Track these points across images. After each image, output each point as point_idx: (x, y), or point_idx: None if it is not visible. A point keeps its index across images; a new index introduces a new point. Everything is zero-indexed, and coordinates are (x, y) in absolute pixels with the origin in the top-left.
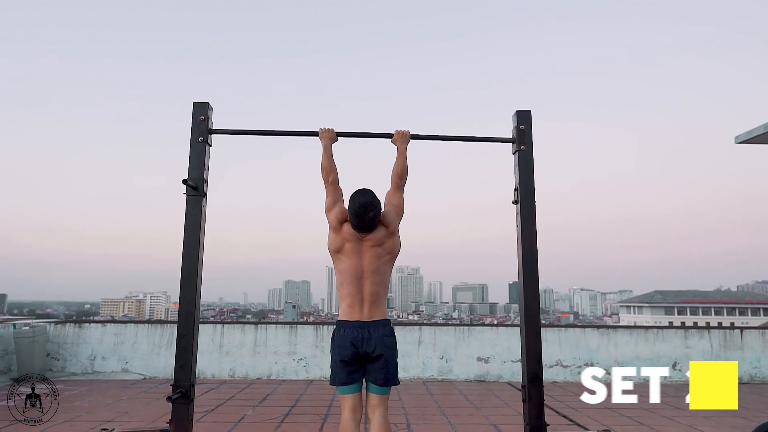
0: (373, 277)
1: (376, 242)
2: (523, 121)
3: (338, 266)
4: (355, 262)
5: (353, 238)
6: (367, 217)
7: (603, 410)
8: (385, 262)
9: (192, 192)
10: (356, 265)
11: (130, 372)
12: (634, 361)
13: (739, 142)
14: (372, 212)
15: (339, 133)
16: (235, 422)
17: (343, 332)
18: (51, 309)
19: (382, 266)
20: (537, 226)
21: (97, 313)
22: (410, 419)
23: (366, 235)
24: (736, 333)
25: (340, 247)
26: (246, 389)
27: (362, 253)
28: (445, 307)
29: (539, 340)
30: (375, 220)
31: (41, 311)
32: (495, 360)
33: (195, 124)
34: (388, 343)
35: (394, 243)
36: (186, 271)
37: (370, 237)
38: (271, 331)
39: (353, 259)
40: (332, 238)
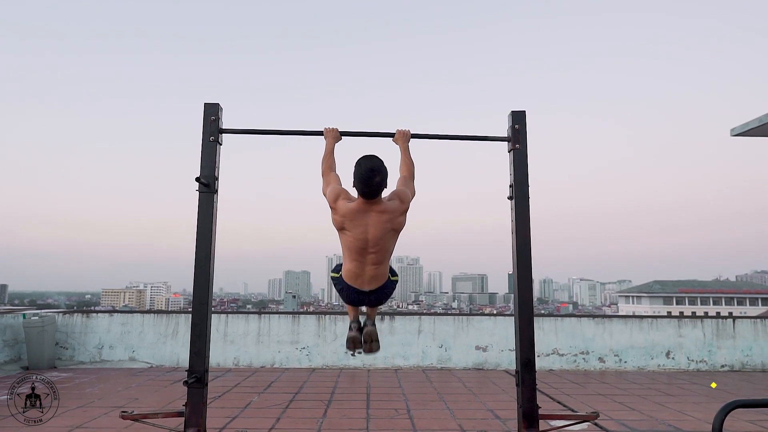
0: (377, 249)
1: (386, 213)
2: (518, 120)
3: (343, 240)
4: (360, 233)
5: (354, 210)
6: (374, 181)
7: (596, 396)
8: (390, 235)
9: (204, 189)
10: (361, 236)
11: (137, 360)
12: (628, 350)
13: (735, 134)
14: (378, 177)
15: (342, 133)
16: (242, 407)
17: (347, 290)
18: (51, 299)
19: (387, 238)
20: (531, 220)
21: (98, 304)
22: (410, 405)
23: (376, 202)
24: (729, 322)
25: (343, 223)
26: (251, 377)
27: (368, 226)
28: (445, 297)
29: (532, 328)
30: (381, 186)
31: (42, 301)
32: (493, 348)
33: (206, 124)
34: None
35: (402, 220)
36: (199, 264)
37: (381, 209)
38: (274, 321)
39: (358, 230)
40: (333, 217)
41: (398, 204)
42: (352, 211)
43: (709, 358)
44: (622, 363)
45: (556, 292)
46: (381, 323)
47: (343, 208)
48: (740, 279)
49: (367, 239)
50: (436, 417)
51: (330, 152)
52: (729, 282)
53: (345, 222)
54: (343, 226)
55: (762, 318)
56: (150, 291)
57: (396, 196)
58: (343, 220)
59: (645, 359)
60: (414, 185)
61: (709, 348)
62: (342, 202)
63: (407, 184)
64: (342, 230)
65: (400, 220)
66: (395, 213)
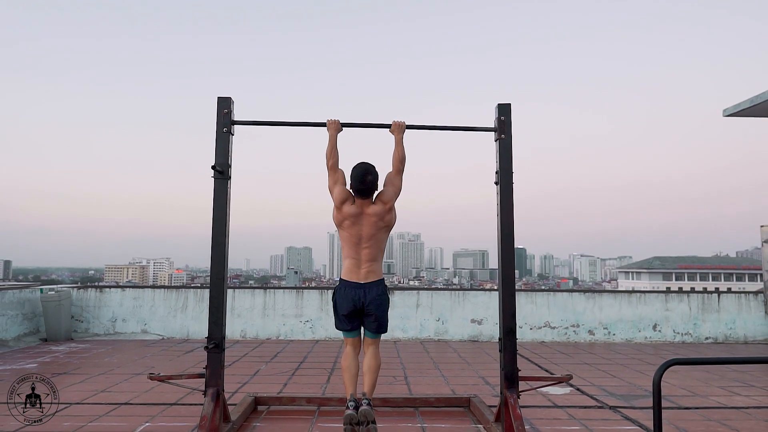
0: (371, 244)
1: (374, 215)
2: (504, 113)
3: (341, 235)
4: (355, 231)
5: (354, 213)
6: (367, 180)
7: (582, 365)
8: (382, 232)
9: (219, 176)
10: (356, 233)
11: (149, 333)
12: (617, 323)
13: (727, 115)
14: (370, 176)
15: (343, 124)
16: (251, 375)
17: (344, 291)
18: (55, 275)
19: (379, 234)
20: (514, 203)
21: (101, 279)
22: (408, 373)
23: (366, 205)
24: (714, 297)
25: (342, 222)
26: (257, 348)
27: (362, 225)
28: (446, 272)
29: (513, 300)
30: (374, 184)
31: (46, 277)
32: (488, 321)
33: (219, 116)
34: (381, 302)
35: (390, 217)
36: (216, 243)
37: (370, 211)
38: (279, 296)
39: (354, 229)
40: (335, 214)
41: (381, 206)
42: (351, 214)
43: (694, 331)
44: (610, 335)
45: (557, 268)
46: None
47: (346, 210)
48: (740, 255)
49: (361, 236)
50: (431, 383)
51: (333, 143)
52: (729, 258)
53: (344, 221)
54: (342, 225)
55: (756, 293)
56: (153, 267)
57: (379, 200)
58: (342, 219)
59: (633, 332)
60: (401, 180)
61: (695, 321)
62: (347, 205)
63: (393, 181)
64: (340, 227)
65: (388, 218)
66: (382, 214)
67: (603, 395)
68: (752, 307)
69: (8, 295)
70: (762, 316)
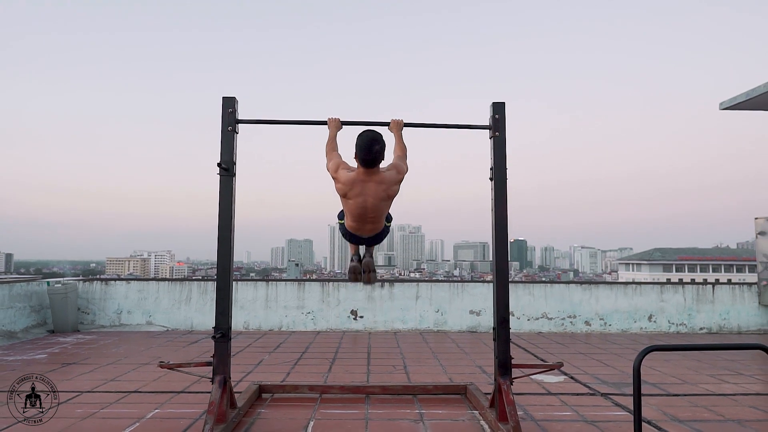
0: (375, 216)
1: (383, 182)
2: (498, 111)
3: (345, 206)
4: (361, 202)
5: (356, 180)
6: (374, 149)
7: (577, 354)
8: (386, 203)
9: (224, 173)
10: (362, 204)
11: (154, 324)
12: (613, 314)
13: (723, 108)
14: (377, 145)
15: (343, 122)
16: (255, 364)
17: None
18: (57, 268)
19: (383, 206)
20: (508, 199)
21: (103, 272)
22: (407, 362)
23: (374, 173)
24: (708, 288)
25: (346, 192)
26: (260, 339)
27: (367, 195)
28: (447, 264)
29: (507, 291)
30: (381, 154)
31: (47, 270)
32: (486, 313)
33: (224, 115)
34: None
35: (396, 189)
36: (222, 237)
37: (380, 177)
38: (281, 288)
39: (359, 199)
40: (336, 185)
41: (395, 174)
42: (353, 180)
43: (689, 322)
44: (606, 326)
45: (558, 260)
46: (381, 290)
47: (343, 176)
48: (741, 246)
49: (366, 207)
50: (430, 372)
51: (333, 140)
52: (729, 249)
53: (347, 190)
54: (346, 194)
55: (750, 284)
56: (154, 259)
57: (393, 168)
58: (344, 188)
59: (628, 322)
60: (406, 164)
61: (689, 312)
62: (342, 171)
63: (402, 160)
64: (344, 197)
65: (395, 188)
66: (391, 182)
67: (596, 383)
68: (746, 298)
69: (16, 288)
70: (756, 306)
